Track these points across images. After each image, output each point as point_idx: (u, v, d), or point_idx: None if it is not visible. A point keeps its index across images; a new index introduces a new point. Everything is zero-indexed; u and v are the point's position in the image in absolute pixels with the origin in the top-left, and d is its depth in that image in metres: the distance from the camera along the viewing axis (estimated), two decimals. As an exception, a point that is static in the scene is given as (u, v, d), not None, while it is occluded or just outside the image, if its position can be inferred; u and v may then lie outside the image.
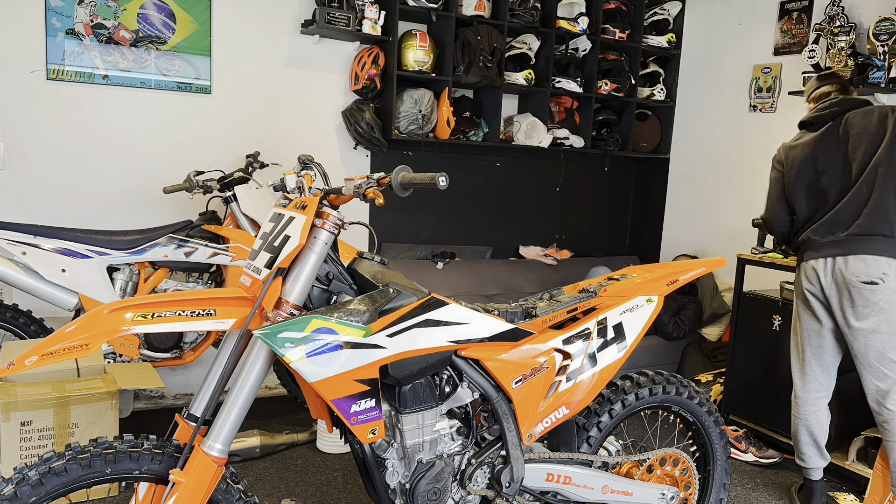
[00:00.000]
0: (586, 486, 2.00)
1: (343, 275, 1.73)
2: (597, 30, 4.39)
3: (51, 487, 1.45)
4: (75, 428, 2.52)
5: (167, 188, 3.20)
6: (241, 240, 3.16)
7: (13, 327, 2.90)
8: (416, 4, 3.80)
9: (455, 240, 4.53)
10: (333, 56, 3.95)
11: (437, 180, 1.51)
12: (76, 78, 3.36)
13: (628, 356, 2.05)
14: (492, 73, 4.00)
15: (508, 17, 4.08)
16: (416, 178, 1.54)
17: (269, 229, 1.66)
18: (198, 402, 1.65)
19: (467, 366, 1.80)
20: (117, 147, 3.50)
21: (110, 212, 3.52)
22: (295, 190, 1.74)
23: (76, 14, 3.32)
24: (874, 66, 3.38)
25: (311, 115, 3.95)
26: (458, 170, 4.43)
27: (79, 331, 1.43)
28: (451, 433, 1.85)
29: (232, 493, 1.65)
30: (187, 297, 1.54)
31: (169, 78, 3.55)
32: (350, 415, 1.58)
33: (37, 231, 2.85)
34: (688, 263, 2.22)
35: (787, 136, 4.04)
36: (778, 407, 3.30)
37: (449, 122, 3.96)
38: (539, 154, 4.63)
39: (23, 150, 3.32)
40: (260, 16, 3.73)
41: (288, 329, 1.50)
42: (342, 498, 2.76)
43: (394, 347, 1.61)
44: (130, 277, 3.04)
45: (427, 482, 1.77)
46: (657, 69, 4.72)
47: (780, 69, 4.07)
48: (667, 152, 4.87)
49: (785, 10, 4.04)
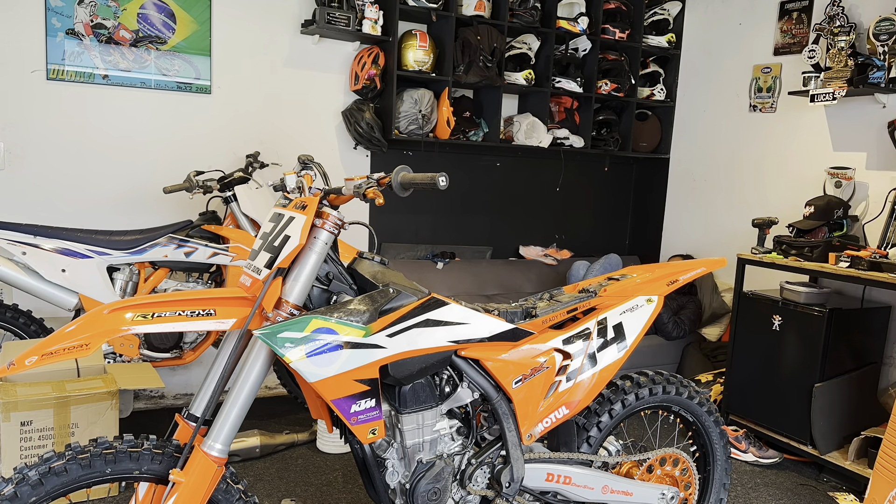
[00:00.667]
0: (586, 486, 2.00)
1: (343, 275, 1.73)
2: (597, 30, 4.39)
3: (51, 487, 1.45)
4: (75, 428, 2.52)
5: (167, 188, 3.20)
6: (241, 240, 3.16)
7: (13, 327, 2.90)
8: (416, 4, 3.80)
9: (455, 240, 4.53)
10: (333, 56, 3.95)
11: (437, 180, 1.51)
12: (76, 78, 3.36)
13: (628, 356, 2.05)
14: (492, 73, 4.00)
15: (508, 17, 4.08)
16: (415, 178, 1.54)
17: (269, 229, 1.66)
18: (198, 402, 1.65)
19: (467, 366, 1.80)
20: (117, 147, 3.50)
21: (110, 212, 3.52)
22: (295, 190, 1.74)
23: (76, 14, 3.32)
24: (874, 66, 3.38)
25: (311, 115, 3.95)
26: (458, 170, 4.43)
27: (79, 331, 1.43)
28: (451, 433, 1.85)
29: (232, 493, 1.65)
30: (187, 297, 1.54)
31: (169, 78, 3.55)
32: (350, 415, 1.58)
33: (37, 231, 2.85)
34: (688, 263, 2.22)
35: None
36: (778, 407, 3.30)
37: (449, 122, 3.96)
38: (539, 154, 4.63)
39: (23, 150, 3.32)
40: (260, 16, 3.74)
41: (288, 329, 1.50)
42: (342, 498, 2.76)
43: (394, 347, 1.61)
44: (130, 277, 3.04)
45: (427, 482, 1.77)
46: (657, 69, 4.72)
47: (780, 69, 4.07)
48: (667, 152, 4.87)
49: (785, 10, 4.04)
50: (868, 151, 3.61)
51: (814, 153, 3.88)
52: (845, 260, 3.09)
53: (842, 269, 3.07)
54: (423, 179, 1.53)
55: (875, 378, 3.41)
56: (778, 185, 4.10)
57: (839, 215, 3.41)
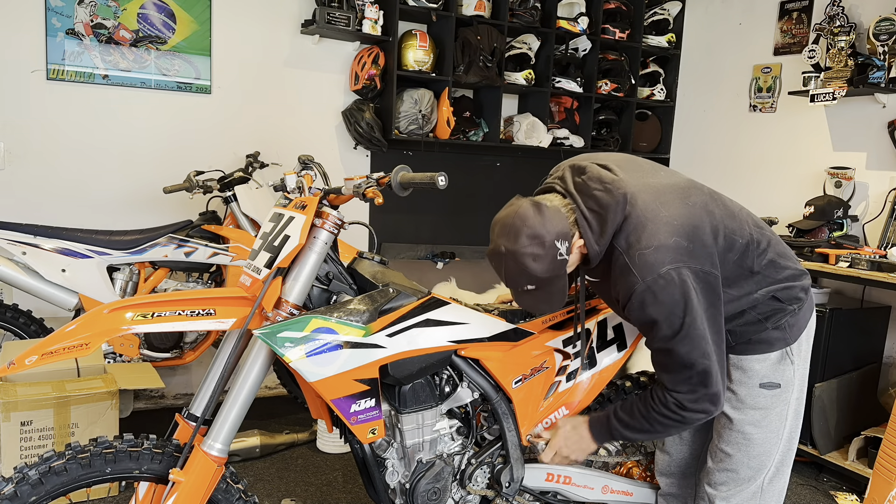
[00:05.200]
0: (586, 485, 2.00)
1: (343, 274, 1.73)
2: (597, 30, 4.39)
3: (51, 487, 1.45)
4: (75, 428, 2.52)
5: (167, 188, 3.20)
6: (241, 240, 3.16)
7: (13, 327, 2.90)
8: (416, 4, 3.80)
9: (455, 240, 4.52)
10: (333, 56, 3.95)
11: (437, 180, 1.51)
12: (76, 78, 3.36)
13: (628, 357, 2.05)
14: (492, 73, 4.00)
15: (508, 17, 4.08)
16: (415, 177, 1.54)
17: (269, 229, 1.66)
18: (198, 402, 1.65)
19: (467, 366, 1.80)
20: (117, 147, 3.50)
21: (110, 212, 3.52)
22: (295, 190, 1.74)
23: (76, 14, 3.32)
24: (874, 66, 3.38)
25: (311, 115, 3.95)
26: (458, 170, 4.43)
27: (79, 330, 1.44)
28: (451, 433, 1.85)
29: (232, 493, 1.65)
30: (187, 297, 1.54)
31: (169, 78, 3.55)
32: (350, 414, 1.58)
33: (37, 231, 2.85)
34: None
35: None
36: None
37: (449, 122, 3.96)
38: (539, 154, 4.63)
39: (23, 150, 3.32)
40: (260, 16, 3.73)
41: (288, 329, 1.50)
42: (342, 498, 2.76)
43: (393, 347, 1.61)
44: (130, 277, 3.04)
45: (427, 482, 1.77)
46: (657, 69, 4.72)
47: (780, 69, 4.07)
48: (667, 152, 4.87)
49: (785, 10, 4.04)
50: (868, 151, 3.61)
51: (814, 153, 3.88)
52: (845, 260, 3.09)
53: (842, 269, 3.07)
54: (422, 179, 1.53)
55: (875, 378, 3.41)
56: (778, 185, 4.10)
57: (839, 215, 3.41)
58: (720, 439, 1.80)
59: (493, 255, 1.58)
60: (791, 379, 1.74)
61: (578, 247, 1.60)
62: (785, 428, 1.78)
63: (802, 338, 1.75)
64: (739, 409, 1.75)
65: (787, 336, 1.72)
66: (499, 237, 1.56)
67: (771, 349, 1.71)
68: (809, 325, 1.77)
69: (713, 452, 1.83)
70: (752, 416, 1.74)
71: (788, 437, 1.80)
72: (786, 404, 1.76)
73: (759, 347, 1.71)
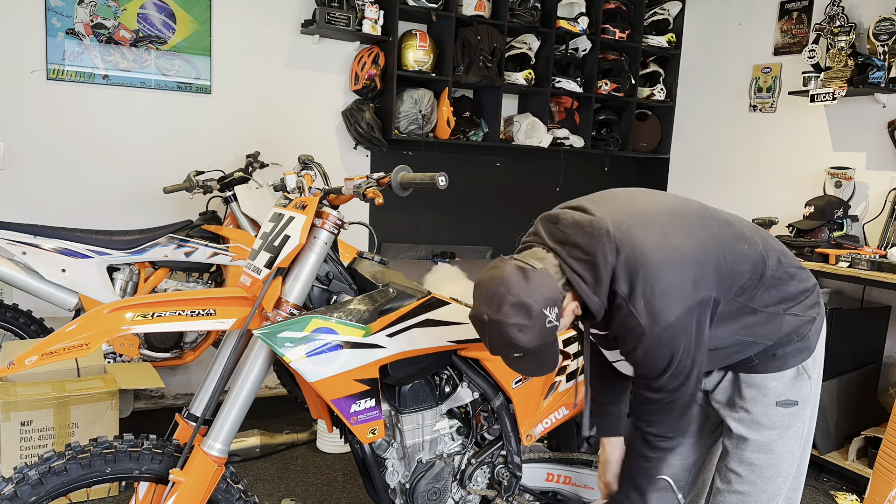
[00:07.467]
0: (586, 486, 2.00)
1: (343, 274, 1.73)
2: (597, 30, 4.39)
3: (51, 487, 1.45)
4: (75, 428, 2.52)
5: (167, 188, 3.20)
6: (241, 240, 3.16)
7: (13, 327, 2.90)
8: (416, 4, 3.80)
9: (455, 240, 4.52)
10: (333, 56, 3.95)
11: (437, 180, 1.51)
12: (76, 78, 3.36)
13: (628, 356, 2.04)
14: (492, 73, 4.00)
15: (508, 17, 4.08)
16: (415, 177, 1.54)
17: (269, 229, 1.66)
18: (198, 402, 1.65)
19: (467, 366, 1.80)
20: (117, 147, 3.50)
21: (110, 212, 3.52)
22: (295, 190, 1.74)
23: (76, 14, 3.32)
24: (874, 66, 3.38)
25: (311, 114, 3.95)
26: (458, 170, 4.42)
27: (79, 330, 1.44)
28: (451, 433, 1.85)
29: (232, 493, 1.65)
30: (187, 297, 1.54)
31: (169, 78, 3.55)
32: (350, 414, 1.58)
33: (37, 231, 2.85)
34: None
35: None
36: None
37: (449, 122, 3.96)
38: (539, 154, 4.63)
39: (23, 150, 3.31)
40: (260, 16, 3.73)
41: (288, 329, 1.50)
42: (342, 498, 2.76)
43: (394, 347, 1.61)
44: (130, 277, 3.04)
45: (427, 482, 1.77)
46: (657, 69, 4.72)
47: (780, 69, 4.07)
48: (667, 152, 4.87)
49: (785, 10, 4.04)
50: (868, 151, 3.61)
51: (814, 153, 3.88)
52: (845, 260, 3.09)
53: (842, 269, 3.07)
54: (422, 179, 1.53)
55: (875, 378, 3.40)
56: (778, 185, 4.10)
57: (839, 215, 3.41)
58: (731, 460, 1.70)
59: (476, 322, 1.44)
60: (808, 395, 1.65)
61: (572, 309, 1.47)
62: (800, 447, 1.69)
63: (817, 350, 1.66)
64: (755, 430, 1.64)
65: (810, 346, 1.62)
66: (481, 304, 1.40)
67: (786, 366, 1.62)
68: (822, 335, 1.68)
69: (723, 473, 1.73)
70: (769, 436, 1.63)
71: (801, 454, 1.71)
72: (802, 422, 1.66)
73: (775, 364, 1.62)
